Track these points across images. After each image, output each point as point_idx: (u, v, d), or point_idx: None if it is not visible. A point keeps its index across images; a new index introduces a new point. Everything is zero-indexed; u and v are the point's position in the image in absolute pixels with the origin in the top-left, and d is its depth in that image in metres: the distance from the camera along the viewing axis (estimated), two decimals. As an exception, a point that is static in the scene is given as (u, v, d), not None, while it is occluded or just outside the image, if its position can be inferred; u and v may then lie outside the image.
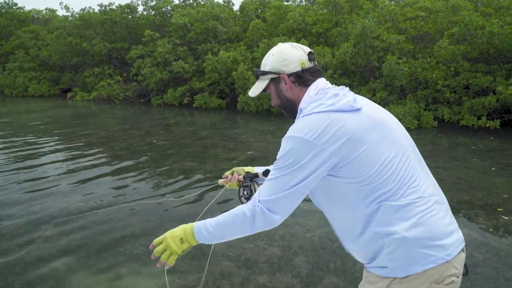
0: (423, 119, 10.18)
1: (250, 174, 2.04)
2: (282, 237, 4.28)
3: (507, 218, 4.66)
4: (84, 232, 4.53)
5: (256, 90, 1.77)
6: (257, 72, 1.75)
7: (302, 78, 1.66)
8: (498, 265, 3.66)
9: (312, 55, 1.68)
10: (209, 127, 11.24)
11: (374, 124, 1.52)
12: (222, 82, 15.12)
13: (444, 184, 5.86)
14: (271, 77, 1.71)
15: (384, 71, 11.16)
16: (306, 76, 1.66)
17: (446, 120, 10.33)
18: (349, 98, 1.55)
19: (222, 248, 4.04)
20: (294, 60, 1.66)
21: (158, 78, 16.06)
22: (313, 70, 1.68)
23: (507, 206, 5.01)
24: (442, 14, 12.05)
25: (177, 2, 20.41)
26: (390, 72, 10.95)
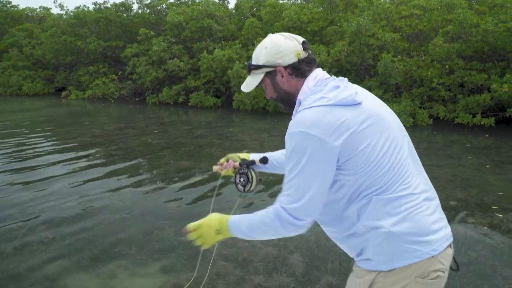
0: (418, 117, 10.20)
1: (246, 161, 2.01)
2: (278, 236, 4.26)
3: (501, 215, 4.67)
4: (78, 232, 4.50)
5: (250, 85, 1.72)
6: (250, 66, 1.68)
7: (299, 69, 1.61)
8: (494, 262, 3.67)
9: (305, 45, 1.63)
10: (204, 126, 11.21)
11: (374, 119, 1.51)
12: (217, 80, 15.10)
13: (439, 181, 5.87)
14: (266, 70, 1.65)
15: (379, 69, 11.17)
16: (303, 66, 1.61)
17: (441, 118, 10.37)
18: (350, 92, 1.52)
19: (217, 247, 4.03)
20: (289, 51, 1.60)
21: (153, 77, 16.01)
22: (309, 59, 1.63)
23: (502, 203, 5.03)
24: (436, 12, 12.07)
25: (172, 0, 20.35)
26: (385, 70, 10.96)
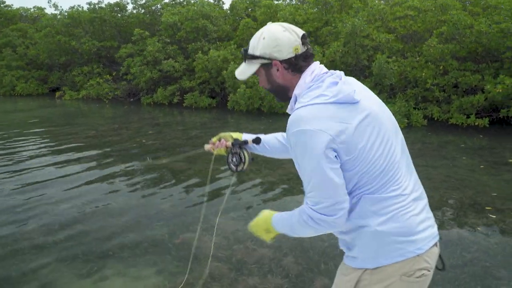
0: (413, 118, 10.22)
1: (239, 141, 2.00)
2: (272, 237, 4.25)
3: (495, 216, 4.68)
4: (70, 235, 4.46)
5: (244, 74, 1.68)
6: (245, 54, 1.64)
7: (296, 64, 1.58)
8: (487, 263, 3.68)
9: (305, 39, 1.58)
10: (199, 127, 11.18)
11: (372, 118, 1.51)
12: (212, 81, 15.06)
13: (433, 182, 5.88)
14: (262, 62, 1.61)
15: (374, 70, 11.19)
16: (300, 62, 1.58)
17: (436, 118, 10.39)
18: (349, 90, 1.50)
19: (211, 249, 4.01)
20: (287, 45, 1.55)
21: (148, 77, 15.94)
22: (306, 55, 1.59)
23: (496, 204, 5.04)
24: (431, 13, 12.11)
25: (167, 0, 20.29)
26: (380, 71, 10.98)
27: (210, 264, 3.70)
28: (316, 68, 1.60)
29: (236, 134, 2.07)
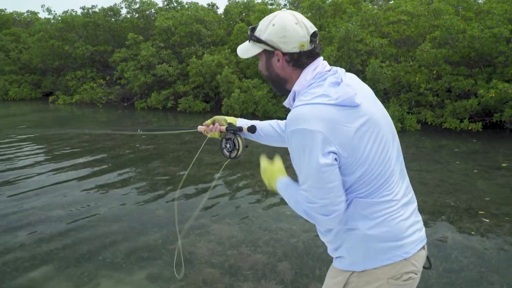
0: (407, 122, 10.26)
1: (233, 127, 1.96)
2: (266, 243, 4.23)
3: (489, 221, 4.69)
4: (63, 240, 4.41)
5: (246, 53, 1.64)
6: (252, 35, 1.61)
7: (298, 60, 1.55)
8: (482, 268, 3.67)
9: (314, 37, 1.55)
10: (193, 131, 11.13)
11: (371, 123, 1.50)
12: (206, 85, 15.04)
13: (427, 187, 5.89)
14: (265, 48, 1.57)
15: (367, 75, 11.22)
16: (302, 59, 1.55)
17: (429, 123, 10.43)
18: (351, 93, 1.47)
19: (205, 255, 3.98)
20: (294, 39, 1.52)
21: (141, 82, 15.90)
22: (311, 53, 1.56)
23: (489, 208, 5.05)
24: (424, 18, 12.18)
25: (161, 5, 20.28)
26: (374, 75, 11.01)
27: (203, 270, 3.67)
28: (319, 65, 1.58)
29: (230, 119, 2.04)
